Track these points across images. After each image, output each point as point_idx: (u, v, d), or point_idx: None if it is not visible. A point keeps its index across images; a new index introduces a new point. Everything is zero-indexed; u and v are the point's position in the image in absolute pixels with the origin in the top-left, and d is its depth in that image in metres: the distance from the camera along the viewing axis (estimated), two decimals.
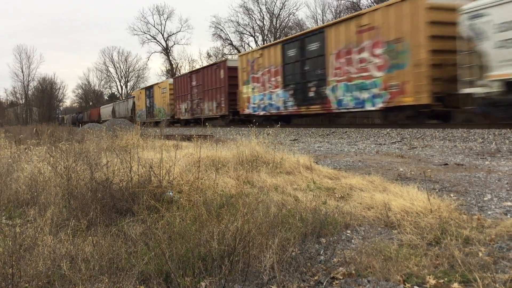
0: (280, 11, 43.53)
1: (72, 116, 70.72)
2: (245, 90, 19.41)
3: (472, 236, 2.63)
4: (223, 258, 2.26)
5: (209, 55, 50.44)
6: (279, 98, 16.81)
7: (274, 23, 43.85)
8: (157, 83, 33.89)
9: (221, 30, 47.00)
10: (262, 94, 18.05)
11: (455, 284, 2.04)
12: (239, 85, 19.96)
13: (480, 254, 2.36)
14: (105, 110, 53.82)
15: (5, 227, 3.10)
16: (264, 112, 18.02)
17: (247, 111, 19.27)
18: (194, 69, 32.01)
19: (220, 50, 48.84)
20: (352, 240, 2.80)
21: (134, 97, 40.93)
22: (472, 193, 3.83)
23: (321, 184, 4.38)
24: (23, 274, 2.10)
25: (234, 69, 20.47)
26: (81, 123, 53.88)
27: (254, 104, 18.72)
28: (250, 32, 45.94)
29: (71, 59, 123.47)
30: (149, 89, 35.16)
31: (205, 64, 43.45)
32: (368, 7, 26.50)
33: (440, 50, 10.61)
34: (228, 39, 47.30)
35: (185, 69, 56.11)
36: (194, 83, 25.06)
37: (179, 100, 27.87)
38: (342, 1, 35.79)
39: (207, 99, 23.04)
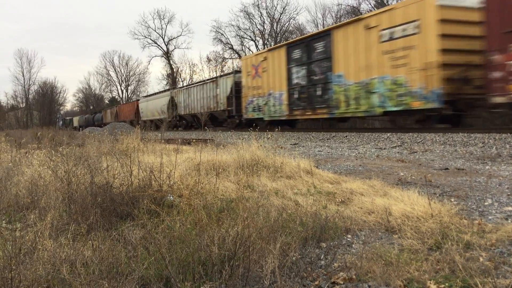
0: (280, 16, 43.72)
1: (85, 118, 57.94)
2: None
3: (473, 241, 2.62)
4: (223, 263, 2.25)
5: (209, 60, 50.57)
6: None
7: (274, 28, 44.01)
8: (358, 19, 13.04)
9: (222, 34, 47.09)
10: None
11: None
12: None
13: (481, 259, 2.36)
14: (151, 105, 32.73)
15: (5, 231, 3.09)
16: None
17: None
18: None
19: (220, 54, 48.99)
20: (353, 245, 2.80)
21: (233, 73, 21.65)
22: (473, 198, 3.82)
23: (321, 189, 4.38)
24: (22, 278, 2.09)
25: None
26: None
27: None
28: (250, 37, 46.09)
29: (72, 63, 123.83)
30: (306, 42, 15.09)
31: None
32: (368, 11, 26.60)
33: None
34: (228, 43, 47.44)
35: (185, 73, 55.34)
36: None
37: None
38: (342, 5, 35.95)
39: None
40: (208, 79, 25.69)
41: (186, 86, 29.38)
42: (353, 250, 2.69)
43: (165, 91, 34.14)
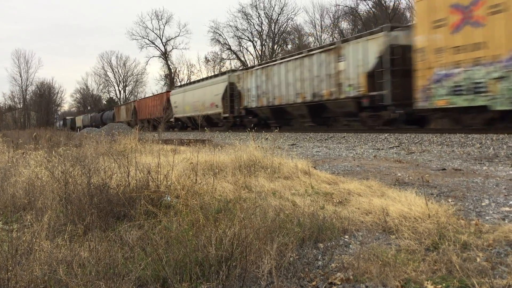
0: (278, 16, 43.82)
1: (90, 117, 52.01)
2: None
3: (470, 241, 2.62)
4: (220, 264, 2.25)
5: (207, 60, 50.60)
6: None
7: (272, 28, 44.07)
8: None
9: (220, 35, 47.17)
10: None
11: None
12: None
13: (478, 260, 2.36)
14: (192, 97, 24.51)
15: (1, 232, 3.08)
16: None
17: None
18: None
19: (218, 55, 49.04)
20: (350, 245, 2.80)
21: (384, 31, 12.23)
22: (470, 198, 3.83)
23: (319, 189, 4.38)
24: (19, 279, 2.09)
25: None
26: None
27: None
28: (248, 37, 46.14)
29: (69, 63, 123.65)
30: None
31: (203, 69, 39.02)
32: (367, 11, 26.61)
33: None
34: (226, 44, 47.52)
35: (183, 73, 55.03)
36: None
37: None
38: (340, 6, 36.02)
39: None
40: (317, 48, 15.49)
41: (263, 64, 19.36)
42: (350, 251, 2.70)
43: (217, 75, 24.81)
